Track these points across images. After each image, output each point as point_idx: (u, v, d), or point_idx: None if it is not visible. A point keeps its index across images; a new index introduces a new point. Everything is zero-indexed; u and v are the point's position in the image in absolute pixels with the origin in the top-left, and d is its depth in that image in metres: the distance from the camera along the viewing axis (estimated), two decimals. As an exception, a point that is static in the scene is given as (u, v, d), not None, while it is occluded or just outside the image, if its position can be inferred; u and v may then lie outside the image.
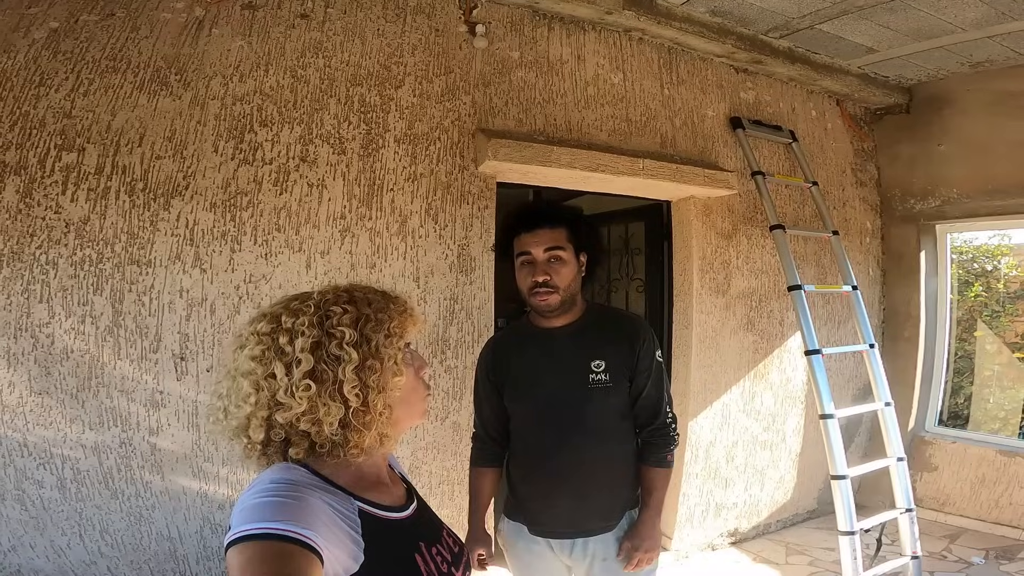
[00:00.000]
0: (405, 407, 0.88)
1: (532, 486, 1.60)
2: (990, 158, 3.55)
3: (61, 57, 2.02)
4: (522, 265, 1.58)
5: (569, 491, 1.54)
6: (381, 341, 0.83)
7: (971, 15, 2.88)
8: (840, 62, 3.56)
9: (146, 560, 2.10)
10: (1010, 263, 4.24)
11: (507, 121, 2.74)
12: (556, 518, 1.57)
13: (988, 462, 3.52)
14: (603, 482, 1.57)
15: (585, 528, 1.56)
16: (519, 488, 1.64)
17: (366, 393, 0.80)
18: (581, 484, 1.54)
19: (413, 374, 0.90)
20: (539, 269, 1.53)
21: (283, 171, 2.30)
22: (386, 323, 0.85)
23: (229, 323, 2.19)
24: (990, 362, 4.16)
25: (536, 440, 1.59)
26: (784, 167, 3.58)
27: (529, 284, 1.55)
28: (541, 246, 1.54)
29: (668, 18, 2.96)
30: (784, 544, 3.44)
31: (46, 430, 1.95)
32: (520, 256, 1.58)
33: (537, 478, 1.59)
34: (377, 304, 0.87)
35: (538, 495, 1.59)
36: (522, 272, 1.58)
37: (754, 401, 3.46)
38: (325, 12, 2.42)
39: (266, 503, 0.73)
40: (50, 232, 1.96)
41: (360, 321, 0.83)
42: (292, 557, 0.68)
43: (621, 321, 1.68)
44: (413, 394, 0.89)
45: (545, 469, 1.57)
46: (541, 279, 1.52)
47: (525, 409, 1.61)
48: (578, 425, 1.54)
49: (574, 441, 1.54)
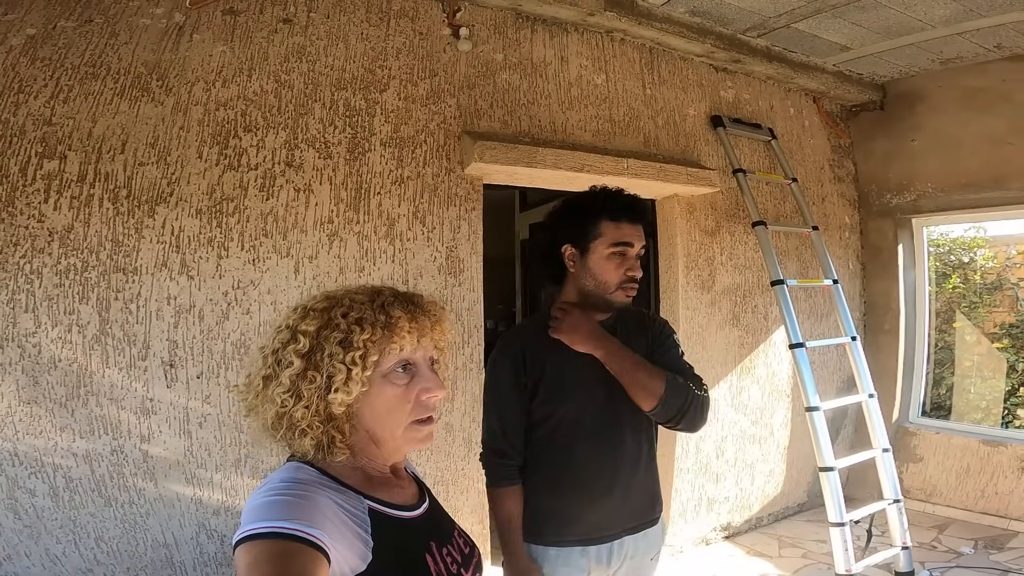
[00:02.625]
0: (379, 425, 0.84)
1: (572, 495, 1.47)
2: (962, 153, 3.64)
3: (39, 64, 2.00)
4: (614, 255, 1.47)
5: (618, 491, 1.46)
6: (334, 351, 0.80)
7: (940, 12, 2.96)
8: (816, 60, 3.64)
9: (143, 567, 2.07)
10: (986, 255, 4.34)
11: (492, 123, 2.76)
12: (603, 523, 1.46)
13: (972, 452, 3.58)
14: (643, 477, 1.52)
15: (632, 525, 1.49)
16: (547, 504, 1.48)
17: (296, 400, 0.79)
18: (628, 483, 1.47)
19: (396, 393, 0.83)
20: (635, 265, 1.48)
21: (269, 176, 2.29)
22: (354, 334, 0.80)
23: (218, 329, 2.18)
24: (970, 353, 4.25)
25: (577, 444, 1.47)
26: (764, 164, 3.64)
27: (623, 277, 1.47)
28: (640, 242, 1.49)
29: (649, 19, 3.00)
30: (776, 537, 3.48)
31: (36, 439, 1.92)
32: (618, 245, 1.47)
33: (580, 486, 1.46)
34: (356, 312, 0.82)
35: (579, 505, 1.46)
36: (613, 262, 1.47)
37: (741, 395, 3.50)
38: (308, 17, 2.43)
39: (273, 502, 0.73)
40: (33, 241, 1.94)
41: (322, 328, 0.81)
42: (298, 556, 0.68)
43: (639, 314, 1.64)
44: (389, 415, 0.83)
45: (587, 473, 1.46)
46: (640, 274, 1.49)
47: (565, 412, 1.47)
48: (618, 422, 1.47)
49: (616, 440, 1.47)
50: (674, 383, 1.43)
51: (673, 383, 1.43)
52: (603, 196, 1.53)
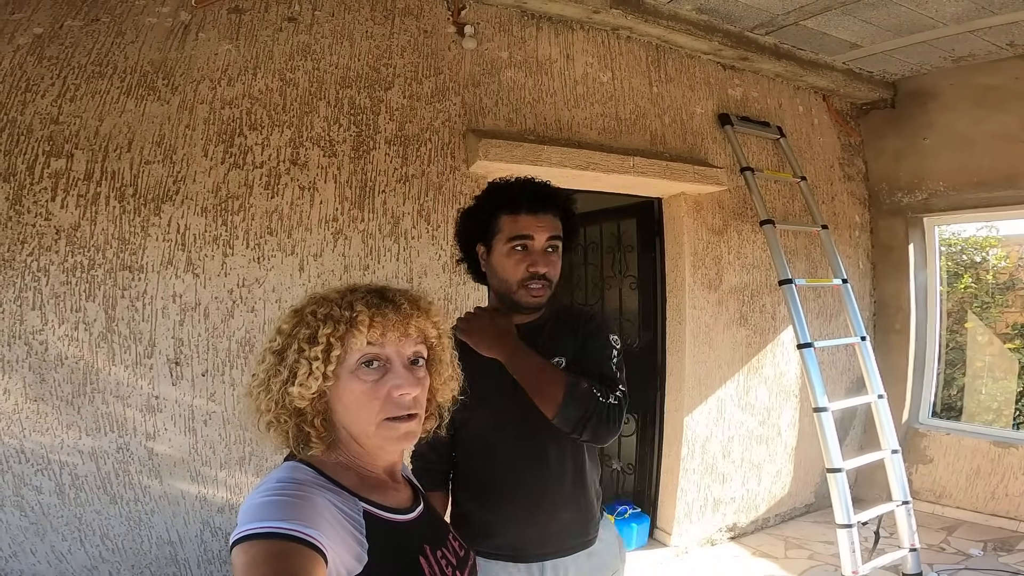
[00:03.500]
0: (352, 421, 0.84)
1: (493, 508, 1.37)
2: (974, 151, 3.59)
3: (46, 63, 2.02)
4: (514, 250, 1.35)
5: (542, 509, 1.34)
6: (301, 347, 0.81)
7: (951, 10, 2.92)
8: (825, 58, 3.60)
9: (147, 564, 2.09)
10: (998, 254, 4.29)
11: (497, 121, 2.75)
12: (527, 540, 1.35)
13: (983, 454, 3.54)
14: (575, 494, 1.37)
15: (562, 546, 1.36)
16: (475, 514, 1.39)
17: (265, 394, 0.83)
18: (553, 500, 1.34)
19: (363, 389, 0.82)
20: (540, 259, 1.34)
21: (274, 174, 2.30)
22: (320, 329, 0.81)
23: (223, 327, 2.19)
24: (981, 353, 4.20)
25: (496, 456, 1.37)
26: (773, 163, 3.61)
27: (524, 274, 1.34)
28: (545, 233, 1.35)
29: (655, 16, 2.98)
30: (783, 538, 3.45)
31: (43, 436, 1.94)
32: (516, 239, 1.35)
33: (499, 499, 1.36)
34: (325, 308, 0.83)
35: (503, 519, 1.36)
36: (513, 258, 1.35)
37: (748, 395, 3.47)
38: (313, 15, 2.43)
39: (271, 502, 0.73)
40: (41, 239, 1.95)
41: (296, 326, 0.84)
42: (295, 556, 0.68)
43: (577, 313, 1.48)
44: (359, 411, 0.83)
45: (509, 487, 1.35)
46: (543, 270, 1.34)
47: (482, 419, 1.35)
48: (543, 432, 1.31)
49: (540, 452, 1.34)
50: (576, 389, 1.26)
51: (575, 389, 1.26)
52: (498, 189, 1.42)
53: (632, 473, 3.53)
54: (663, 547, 3.28)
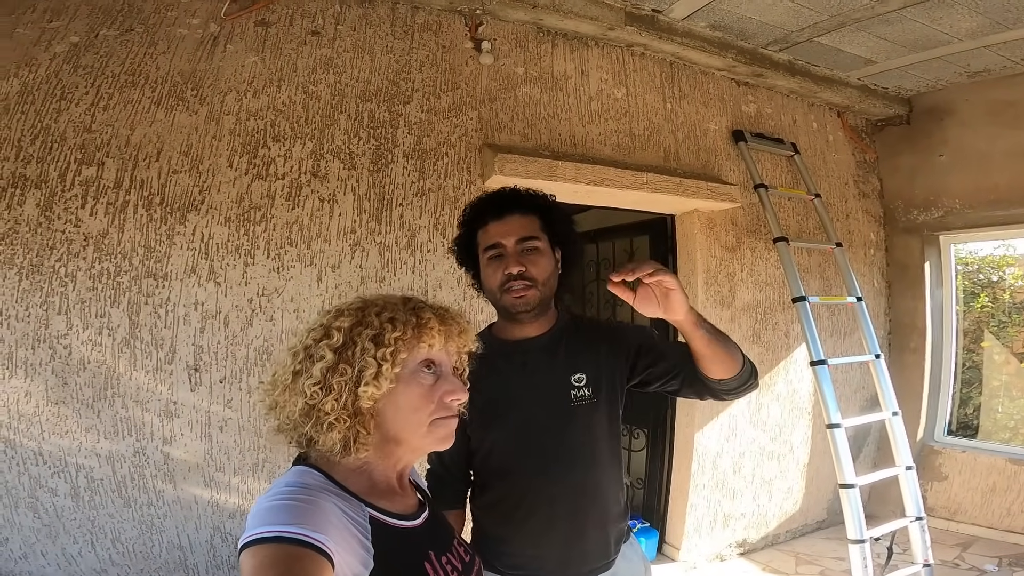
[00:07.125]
0: (402, 422, 0.86)
1: (512, 529, 1.34)
2: (991, 168, 3.57)
3: (82, 71, 2.09)
4: (491, 260, 1.33)
5: (560, 530, 1.31)
6: (366, 347, 0.82)
7: (966, 25, 2.93)
8: (839, 74, 3.61)
9: (156, 569, 2.11)
10: (1015, 273, 4.24)
11: (513, 136, 2.79)
12: (545, 563, 1.32)
13: (998, 471, 3.50)
14: (595, 515, 1.33)
15: (581, 571, 1.33)
16: (493, 534, 1.37)
17: (325, 392, 0.82)
18: (572, 520, 1.31)
19: (422, 392, 0.86)
20: (512, 260, 1.30)
21: (295, 186, 2.34)
22: (386, 332, 0.83)
23: (242, 335, 2.23)
24: (998, 372, 4.14)
25: (513, 475, 1.33)
26: (787, 179, 3.62)
27: (501, 279, 1.31)
28: (513, 236, 1.31)
29: (669, 33, 3.02)
30: (794, 554, 3.41)
31: (61, 439, 1.98)
32: (488, 250, 1.33)
33: (518, 520, 1.33)
34: (389, 312, 0.86)
35: (520, 540, 1.33)
36: (491, 268, 1.33)
37: (760, 412, 3.46)
38: (335, 29, 2.49)
39: (279, 506, 0.74)
40: (69, 245, 2.01)
41: (356, 326, 0.85)
42: (303, 560, 0.69)
43: (598, 325, 1.46)
44: (413, 413, 0.86)
45: (527, 508, 1.31)
46: (516, 269, 1.29)
47: (498, 439, 1.34)
48: (562, 451, 1.31)
49: (559, 471, 1.30)
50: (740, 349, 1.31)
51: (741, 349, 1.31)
52: (469, 208, 1.41)
53: (641, 488, 3.52)
54: (671, 562, 3.26)
